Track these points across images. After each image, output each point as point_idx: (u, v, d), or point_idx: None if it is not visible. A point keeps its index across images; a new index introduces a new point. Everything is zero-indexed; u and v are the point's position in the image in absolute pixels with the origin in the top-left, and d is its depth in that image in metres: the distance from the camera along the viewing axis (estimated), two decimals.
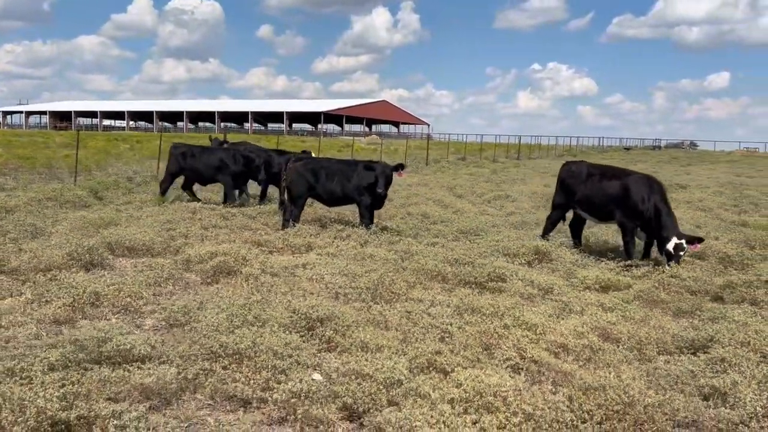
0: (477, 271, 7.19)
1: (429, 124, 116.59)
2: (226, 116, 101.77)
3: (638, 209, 8.32)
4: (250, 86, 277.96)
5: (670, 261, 7.90)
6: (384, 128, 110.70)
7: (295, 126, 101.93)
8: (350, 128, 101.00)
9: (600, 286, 7.04)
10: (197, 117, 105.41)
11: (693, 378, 4.52)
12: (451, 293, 6.58)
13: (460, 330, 5.18)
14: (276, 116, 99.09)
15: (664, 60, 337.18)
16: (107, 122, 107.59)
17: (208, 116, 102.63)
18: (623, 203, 8.49)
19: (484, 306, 5.78)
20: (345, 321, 5.26)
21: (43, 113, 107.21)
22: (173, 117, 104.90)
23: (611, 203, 8.68)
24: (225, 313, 5.22)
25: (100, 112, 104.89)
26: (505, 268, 7.30)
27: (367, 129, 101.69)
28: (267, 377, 4.13)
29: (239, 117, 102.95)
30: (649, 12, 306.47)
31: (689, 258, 8.44)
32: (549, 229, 9.83)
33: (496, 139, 69.72)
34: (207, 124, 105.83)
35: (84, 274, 6.75)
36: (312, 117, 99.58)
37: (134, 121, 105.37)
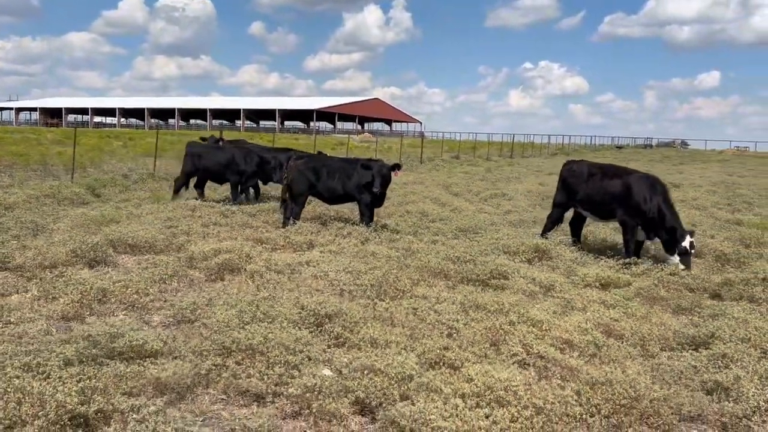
0: (479, 269, 7.26)
1: (421, 122, 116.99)
2: (218, 113, 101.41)
3: (640, 208, 8.43)
4: (242, 83, 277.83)
5: (683, 258, 7.96)
6: (376, 126, 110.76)
7: (287, 124, 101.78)
8: (342, 126, 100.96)
9: (600, 284, 7.13)
10: (189, 114, 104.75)
11: (696, 373, 4.62)
12: (455, 290, 6.65)
13: (467, 326, 5.26)
14: (268, 114, 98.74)
15: (655, 59, 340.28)
16: (98, 119, 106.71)
17: (200, 113, 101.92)
18: (625, 202, 8.60)
19: (489, 303, 5.85)
20: (352, 317, 5.32)
21: (34, 110, 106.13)
22: (165, 114, 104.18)
23: (613, 202, 8.77)
24: (234, 309, 5.27)
25: (91, 109, 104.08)
26: (507, 266, 7.38)
27: (360, 127, 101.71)
28: (280, 372, 4.18)
29: (231, 114, 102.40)
30: (641, 11, 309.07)
31: None
32: (549, 228, 9.91)
33: (489, 138, 69.79)
34: (198, 122, 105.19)
35: (89, 271, 6.79)
36: (304, 114, 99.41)
37: (125, 118, 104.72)
